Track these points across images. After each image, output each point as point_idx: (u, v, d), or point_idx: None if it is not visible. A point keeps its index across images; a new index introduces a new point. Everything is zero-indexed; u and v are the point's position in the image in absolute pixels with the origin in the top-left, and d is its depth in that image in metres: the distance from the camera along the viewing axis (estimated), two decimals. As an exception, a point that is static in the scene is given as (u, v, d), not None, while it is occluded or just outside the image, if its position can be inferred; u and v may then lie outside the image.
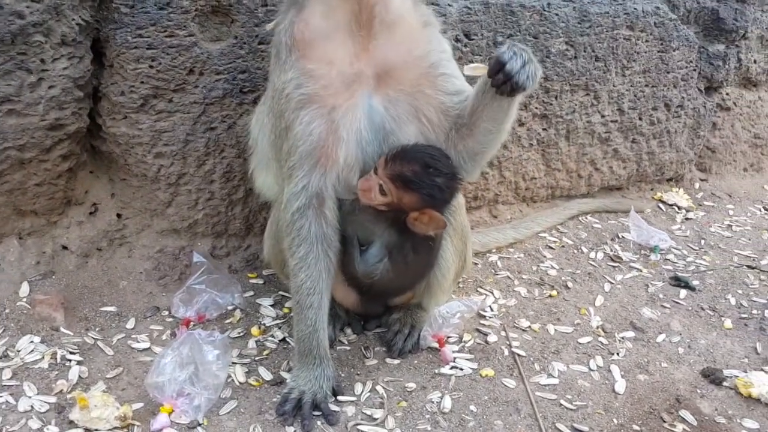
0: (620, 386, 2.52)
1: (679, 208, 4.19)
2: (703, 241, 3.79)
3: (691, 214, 4.13)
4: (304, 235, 2.33)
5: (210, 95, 2.83)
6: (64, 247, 2.95)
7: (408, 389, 2.45)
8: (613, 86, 3.80)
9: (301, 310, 2.39)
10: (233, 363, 2.53)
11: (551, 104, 3.61)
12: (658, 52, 3.90)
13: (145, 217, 3.03)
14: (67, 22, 2.59)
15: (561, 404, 2.42)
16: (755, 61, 4.44)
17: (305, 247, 2.34)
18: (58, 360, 2.50)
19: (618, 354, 2.71)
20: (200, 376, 2.30)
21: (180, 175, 2.93)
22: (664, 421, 2.37)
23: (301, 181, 2.29)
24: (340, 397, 2.39)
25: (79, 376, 2.43)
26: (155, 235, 3.04)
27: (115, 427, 2.20)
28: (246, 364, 2.56)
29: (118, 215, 3.03)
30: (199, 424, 2.24)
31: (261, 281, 3.09)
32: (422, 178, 2.26)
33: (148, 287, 2.95)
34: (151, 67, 2.71)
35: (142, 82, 2.73)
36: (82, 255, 2.95)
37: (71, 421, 2.21)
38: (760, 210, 4.33)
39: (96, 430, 2.19)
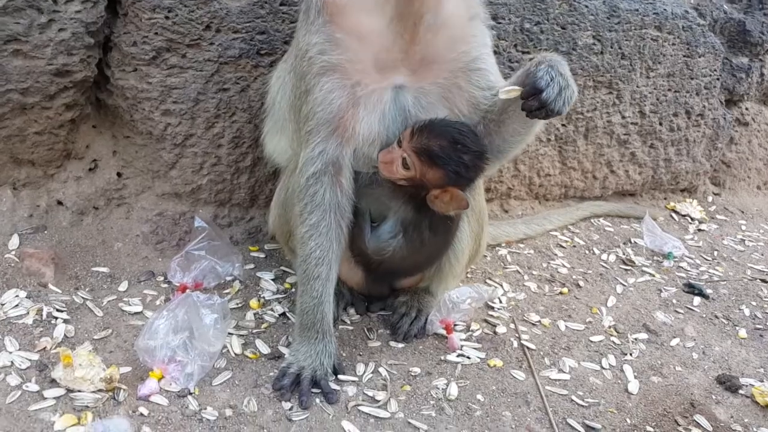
0: (633, 386, 2.41)
1: (692, 219, 4.08)
2: (716, 253, 3.68)
3: (703, 226, 4.03)
4: (318, 201, 2.20)
5: (225, 54, 2.71)
6: (60, 202, 2.81)
7: (412, 373, 2.33)
8: (637, 87, 3.70)
9: (307, 281, 2.26)
10: (230, 334, 2.40)
11: (573, 99, 3.49)
12: (684, 56, 3.81)
13: (147, 179, 2.89)
14: (83, -37, 2.47)
15: (572, 400, 2.29)
16: (778, 77, 4.35)
17: (318, 214, 2.21)
18: (44, 317, 2.36)
19: (631, 354, 2.59)
20: (195, 342, 2.16)
21: (187, 136, 2.79)
22: (678, 425, 2.26)
23: (318, 146, 2.18)
24: (341, 376, 2.26)
25: (65, 335, 2.29)
26: (155, 197, 2.90)
27: (100, 390, 2.06)
28: (243, 336, 2.42)
29: (119, 174, 2.89)
30: (190, 393, 2.11)
31: (263, 255, 2.96)
32: (449, 153, 2.13)
33: (144, 251, 2.81)
34: (167, 18, 2.59)
35: (156, 33, 2.60)
36: (78, 212, 2.81)
37: (53, 380, 2.07)
38: (773, 228, 4.23)
39: (79, 390, 2.05)
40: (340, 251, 2.30)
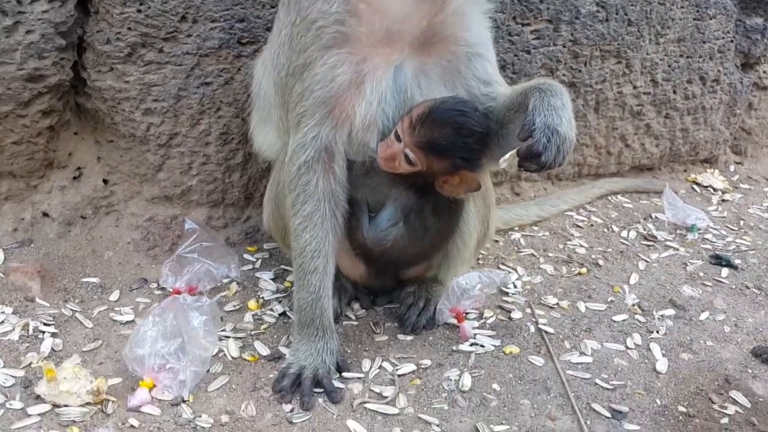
0: (662, 365, 2.23)
1: (714, 189, 3.87)
2: (742, 222, 3.47)
3: (727, 196, 3.81)
4: (311, 191, 2.07)
5: (204, 45, 2.58)
6: (45, 214, 2.70)
7: (422, 366, 2.17)
8: (647, 54, 3.51)
9: (303, 275, 2.11)
10: (226, 337, 2.27)
11: (580, 71, 3.32)
12: (694, 19, 3.61)
13: (134, 183, 2.76)
14: (46, -41, 2.36)
15: (596, 383, 2.12)
16: (795, 36, 4.13)
17: (311, 204, 2.07)
18: (30, 332, 2.24)
19: (658, 332, 2.41)
20: (186, 347, 2.02)
21: (171, 136, 2.66)
22: (713, 403, 2.08)
23: (311, 130, 2.04)
24: (345, 374, 2.12)
25: (52, 349, 2.18)
26: (145, 202, 2.77)
27: (88, 403, 1.93)
28: (241, 338, 2.28)
29: (105, 181, 2.77)
30: (184, 401, 1.97)
31: (261, 255, 2.81)
32: (454, 141, 1.99)
33: (136, 258, 2.68)
34: (138, 11, 2.46)
35: (129, 29, 2.48)
36: (65, 223, 2.69)
37: (38, 396, 1.94)
38: (801, 194, 4.00)
39: (65, 405, 1.92)
40: (336, 242, 2.16)
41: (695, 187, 3.88)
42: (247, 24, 2.60)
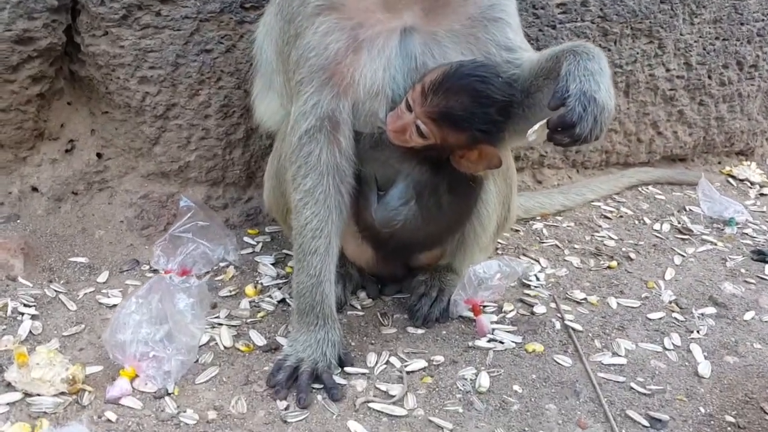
0: (704, 369, 2.00)
1: (751, 183, 3.62)
2: (783, 218, 3.22)
3: (765, 190, 3.56)
4: (313, 163, 1.88)
5: (205, 9, 2.38)
6: (34, 189, 2.52)
7: (434, 363, 1.96)
8: (680, 35, 3.27)
9: (303, 256, 1.92)
10: (219, 324, 2.07)
11: (609, 50, 3.08)
12: (732, -1, 3.37)
13: (129, 158, 2.57)
14: None
15: (631, 388, 1.90)
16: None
17: (313, 177, 1.88)
18: (9, 313, 2.07)
19: (698, 332, 2.18)
20: (173, 334, 1.82)
21: (168, 107, 2.47)
22: (766, 413, 1.84)
23: (311, 98, 1.86)
24: (348, 368, 1.91)
25: (30, 332, 2.01)
26: (140, 179, 2.58)
27: (62, 393, 1.74)
28: (235, 326, 2.09)
29: (99, 155, 2.58)
30: (168, 394, 1.79)
31: (263, 238, 2.61)
32: (473, 110, 1.77)
33: (129, 238, 2.50)
34: (135, -31, 2.27)
35: (125, -12, 2.29)
36: (54, 198, 2.51)
37: (8, 384, 1.76)
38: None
39: (38, 394, 1.73)
40: (341, 222, 1.96)
41: (731, 180, 3.63)
42: (252, -14, 2.41)
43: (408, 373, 1.91)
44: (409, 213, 1.99)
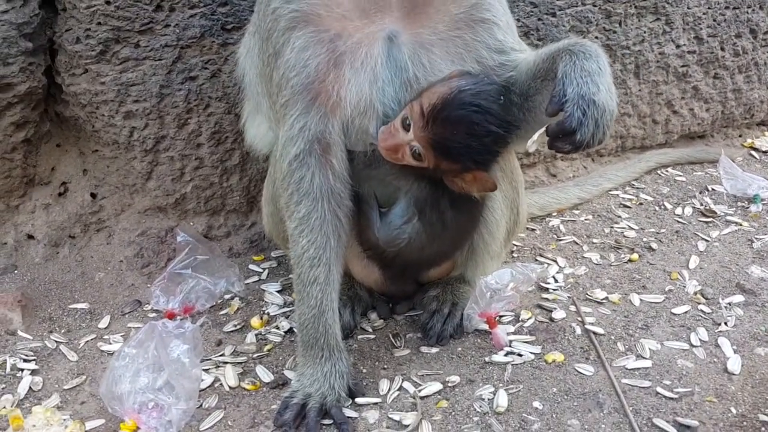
0: (734, 364, 1.89)
1: (776, 154, 3.46)
2: (812, 189, 3.05)
3: (792, 161, 3.40)
4: (306, 188, 1.78)
5: (185, 35, 2.31)
6: (30, 236, 2.48)
7: (450, 384, 1.85)
8: (688, 8, 3.12)
9: (303, 287, 1.83)
10: (224, 363, 1.99)
11: (615, 32, 2.96)
12: (740, -37, 3.21)
13: (124, 195, 2.51)
14: (0, -47, 2.12)
15: (658, 393, 1.78)
16: None
17: (307, 204, 1.79)
18: (8, 370, 2.01)
19: (726, 324, 2.07)
20: (173, 380, 1.74)
21: (158, 139, 2.40)
22: (805, 409, 1.71)
23: (297, 121, 1.76)
24: (358, 399, 1.82)
25: (30, 389, 1.94)
26: (137, 215, 2.52)
27: (62, 453, 1.67)
28: (241, 363, 2.00)
29: (93, 195, 2.53)
30: (172, 444, 1.69)
31: (269, 265, 2.53)
32: (470, 143, 1.67)
33: (129, 278, 2.43)
34: (107, 2, 2.21)
35: (100, 24, 2.22)
36: (51, 244, 2.46)
37: (6, 449, 1.69)
38: None
39: (37, 457, 1.67)
40: (340, 248, 1.86)
41: (753, 153, 3.47)
42: (231, 7, 2.33)
43: (422, 398, 1.81)
44: (412, 231, 1.89)
